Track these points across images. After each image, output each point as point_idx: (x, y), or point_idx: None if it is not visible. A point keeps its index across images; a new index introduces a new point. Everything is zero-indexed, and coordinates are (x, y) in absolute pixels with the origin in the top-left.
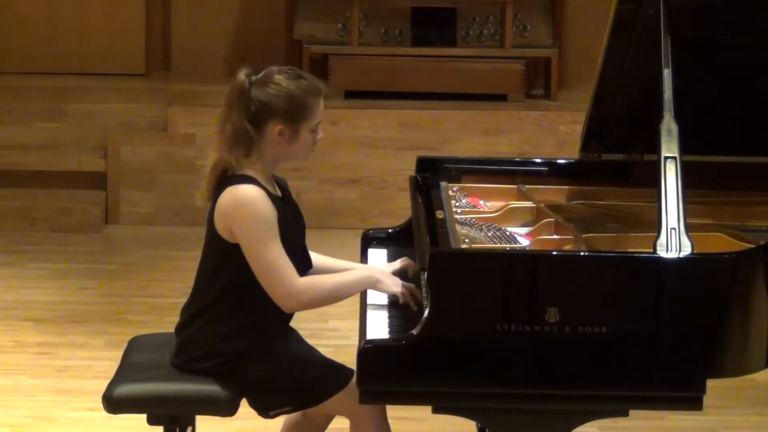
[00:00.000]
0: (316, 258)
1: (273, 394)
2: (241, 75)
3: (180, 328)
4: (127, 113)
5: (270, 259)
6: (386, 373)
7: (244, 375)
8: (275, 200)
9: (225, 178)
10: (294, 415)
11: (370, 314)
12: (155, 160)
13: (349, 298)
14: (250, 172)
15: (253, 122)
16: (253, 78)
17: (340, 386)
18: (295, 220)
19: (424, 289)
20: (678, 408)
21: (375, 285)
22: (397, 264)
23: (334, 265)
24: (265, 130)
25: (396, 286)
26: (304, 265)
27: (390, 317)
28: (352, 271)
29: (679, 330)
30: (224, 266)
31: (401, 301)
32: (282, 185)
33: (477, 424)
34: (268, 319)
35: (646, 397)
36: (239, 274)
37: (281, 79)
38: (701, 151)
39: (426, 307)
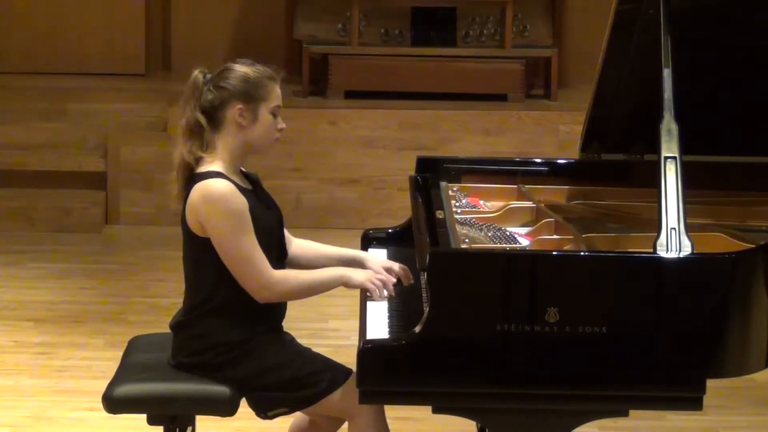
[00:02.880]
0: (303, 244)
1: (269, 392)
2: (196, 71)
3: (176, 325)
4: (127, 113)
5: (243, 253)
6: (386, 373)
7: (241, 369)
8: (245, 192)
9: (192, 176)
10: (299, 423)
11: (370, 314)
12: (155, 160)
13: (349, 298)
14: (215, 167)
15: (210, 111)
16: (208, 75)
17: (337, 384)
18: (269, 209)
19: (424, 289)
20: (678, 408)
21: (346, 282)
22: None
23: (316, 250)
24: (225, 114)
25: (367, 281)
26: (278, 256)
27: (390, 317)
28: (326, 269)
29: (679, 330)
30: (204, 264)
31: (371, 295)
32: (252, 178)
33: (477, 424)
34: (262, 312)
35: (646, 397)
36: (222, 271)
37: (236, 66)
38: (701, 151)
39: (426, 307)
